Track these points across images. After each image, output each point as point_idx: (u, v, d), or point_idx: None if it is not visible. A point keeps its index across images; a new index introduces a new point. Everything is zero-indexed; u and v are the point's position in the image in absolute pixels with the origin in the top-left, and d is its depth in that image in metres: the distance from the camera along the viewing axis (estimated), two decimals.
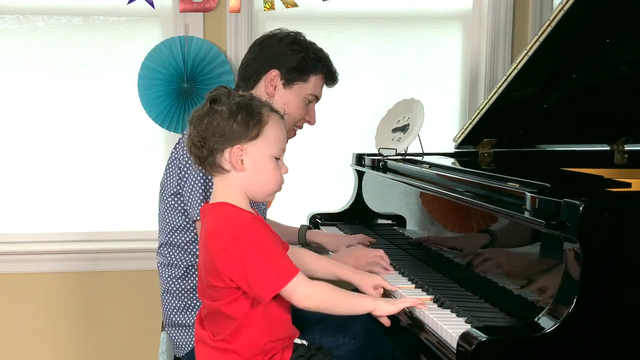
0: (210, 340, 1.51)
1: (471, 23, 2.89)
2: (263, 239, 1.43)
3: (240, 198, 1.49)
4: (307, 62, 1.99)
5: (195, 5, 2.68)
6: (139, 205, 2.83)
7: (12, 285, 2.76)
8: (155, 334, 2.57)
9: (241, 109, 1.46)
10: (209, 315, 1.52)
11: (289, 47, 1.98)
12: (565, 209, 1.29)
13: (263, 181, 1.49)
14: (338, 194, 2.82)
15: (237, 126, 1.44)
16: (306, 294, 1.43)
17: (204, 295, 1.52)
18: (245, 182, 1.48)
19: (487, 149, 2.27)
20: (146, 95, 2.69)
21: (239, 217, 1.45)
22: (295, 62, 1.97)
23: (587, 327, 1.28)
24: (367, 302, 1.50)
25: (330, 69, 2.05)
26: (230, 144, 1.45)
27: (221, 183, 1.50)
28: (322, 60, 2.02)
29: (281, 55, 1.98)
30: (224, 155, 1.46)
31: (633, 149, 2.31)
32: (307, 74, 2.00)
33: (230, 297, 1.46)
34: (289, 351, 1.54)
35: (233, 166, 1.47)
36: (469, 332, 1.28)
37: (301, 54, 1.98)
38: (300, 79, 1.99)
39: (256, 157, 1.47)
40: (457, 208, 1.77)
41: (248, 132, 1.45)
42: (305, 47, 2.00)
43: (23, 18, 2.73)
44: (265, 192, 1.52)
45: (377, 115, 2.62)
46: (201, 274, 1.51)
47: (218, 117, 1.45)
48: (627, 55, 1.98)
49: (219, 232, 1.44)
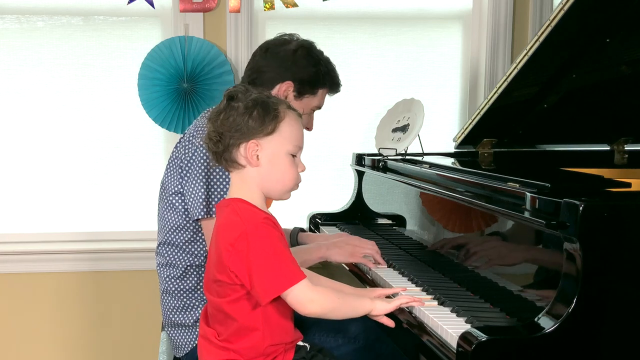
0: (215, 338, 1.52)
1: (471, 23, 2.89)
2: (272, 239, 1.43)
3: (255, 194, 1.49)
4: (319, 76, 2.00)
5: (195, 5, 2.68)
6: (139, 205, 2.83)
7: (12, 285, 2.76)
8: (155, 334, 2.57)
9: (257, 104, 1.46)
10: (213, 313, 1.53)
11: (304, 59, 1.99)
12: (565, 209, 1.29)
13: (278, 177, 1.49)
14: (338, 194, 2.82)
15: (252, 121, 1.45)
16: (310, 298, 1.43)
17: (209, 290, 1.53)
18: (260, 178, 1.48)
19: (487, 149, 2.27)
20: (146, 95, 2.69)
21: (250, 214, 1.45)
22: (309, 76, 1.99)
23: (587, 327, 1.28)
24: (365, 304, 1.51)
25: (336, 82, 2.07)
26: (245, 139, 1.46)
27: (237, 179, 1.51)
28: (330, 73, 2.04)
29: (296, 67, 1.98)
30: (239, 150, 1.46)
31: (633, 149, 2.31)
32: (317, 87, 2.02)
33: (234, 294, 1.45)
34: (290, 353, 1.54)
35: (248, 161, 1.47)
36: (469, 332, 1.27)
37: (315, 67, 1.99)
38: (311, 92, 2.01)
39: (271, 152, 1.47)
40: (457, 208, 1.77)
41: (264, 127, 1.46)
42: (319, 60, 2.02)
43: (23, 18, 2.73)
44: (281, 188, 1.51)
45: (377, 115, 2.62)
46: (209, 267, 1.52)
47: (234, 113, 1.46)
48: (627, 55, 1.98)
49: (229, 227, 1.44)
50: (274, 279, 1.40)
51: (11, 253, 2.75)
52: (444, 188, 1.80)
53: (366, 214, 2.51)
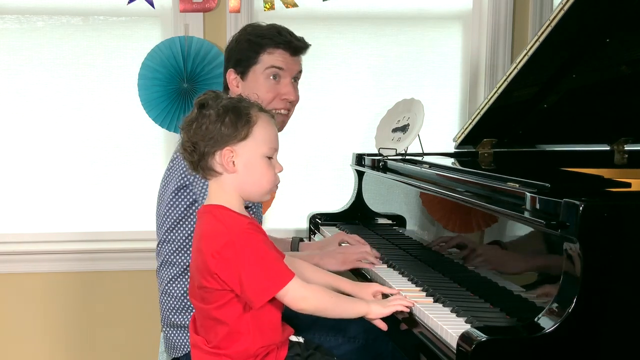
0: (205, 345, 1.52)
1: (471, 23, 2.89)
2: (258, 243, 1.43)
3: (234, 200, 1.49)
4: (251, 46, 1.94)
5: (195, 5, 2.68)
6: (139, 205, 2.82)
7: (12, 285, 2.76)
8: (155, 334, 2.57)
9: (228, 111, 1.46)
10: (201, 321, 1.53)
11: (235, 41, 1.98)
12: (565, 209, 1.29)
13: (256, 181, 1.49)
14: (338, 194, 2.82)
15: (225, 128, 1.45)
16: (302, 296, 1.44)
17: (194, 297, 1.52)
18: (238, 183, 1.48)
19: (487, 149, 2.27)
20: (146, 95, 2.69)
21: (234, 221, 1.46)
22: (240, 53, 1.95)
23: (587, 327, 1.28)
24: (360, 307, 1.51)
25: (281, 40, 1.94)
26: (220, 147, 1.46)
27: (215, 186, 1.51)
28: (265, 35, 1.95)
29: (231, 52, 1.98)
30: (215, 158, 1.46)
31: (633, 149, 2.31)
32: (254, 57, 1.95)
33: (221, 300, 1.46)
34: (284, 349, 1.54)
35: (225, 168, 1.47)
36: (469, 332, 1.27)
37: (245, 41, 1.95)
38: (251, 62, 1.95)
39: (247, 157, 1.47)
40: (457, 208, 1.77)
41: (237, 134, 1.45)
42: (250, 31, 1.97)
43: (23, 18, 2.73)
44: (259, 191, 1.51)
45: (377, 115, 2.62)
46: (193, 274, 1.52)
47: (206, 121, 1.45)
48: (627, 55, 1.98)
49: (214, 235, 1.44)
50: (264, 282, 1.41)
51: (11, 253, 2.75)
52: (444, 188, 1.80)
53: (366, 214, 2.50)
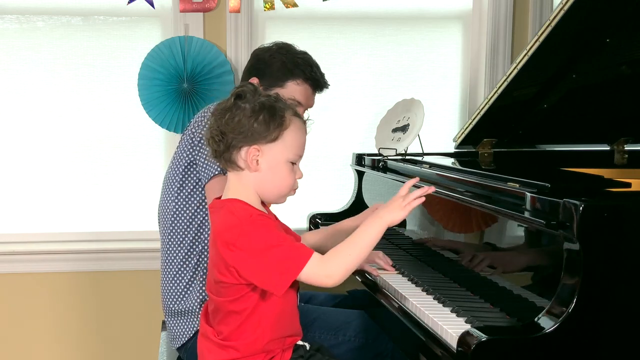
0: (215, 337, 1.52)
1: (471, 23, 2.89)
2: (269, 227, 1.42)
3: (252, 196, 1.49)
4: (285, 67, 1.98)
5: (195, 5, 2.68)
6: (139, 205, 2.83)
7: (12, 286, 2.76)
8: (155, 334, 2.57)
9: (264, 109, 1.44)
10: (215, 313, 1.53)
11: (269, 55, 2.00)
12: (565, 209, 1.29)
13: (276, 184, 1.49)
14: (338, 194, 2.82)
15: (257, 126, 1.43)
16: (327, 274, 1.40)
17: (211, 290, 1.53)
18: (258, 182, 1.48)
19: (487, 149, 2.27)
20: (146, 95, 2.69)
21: (245, 212, 1.45)
22: (270, 68, 1.99)
23: (587, 327, 1.28)
24: (377, 225, 1.43)
25: (311, 75, 2.01)
26: (248, 143, 1.44)
27: (234, 179, 1.50)
28: (300, 66, 2.00)
29: (263, 63, 2.00)
30: (240, 153, 1.46)
31: (633, 149, 2.31)
32: (282, 80, 1.99)
33: (237, 294, 1.45)
34: (288, 353, 1.54)
35: (248, 165, 1.46)
36: (469, 332, 1.28)
37: (279, 61, 1.99)
38: (277, 84, 1.99)
39: (272, 159, 1.46)
40: (457, 208, 1.77)
41: (268, 134, 1.44)
42: (285, 53, 2.01)
43: (23, 18, 2.73)
44: (277, 194, 1.51)
45: (377, 115, 2.62)
46: (211, 268, 1.52)
47: (240, 114, 1.44)
48: (627, 55, 1.99)
49: (228, 228, 1.43)
50: (283, 266, 1.39)
51: (11, 253, 2.75)
52: (444, 188, 1.80)
53: None
